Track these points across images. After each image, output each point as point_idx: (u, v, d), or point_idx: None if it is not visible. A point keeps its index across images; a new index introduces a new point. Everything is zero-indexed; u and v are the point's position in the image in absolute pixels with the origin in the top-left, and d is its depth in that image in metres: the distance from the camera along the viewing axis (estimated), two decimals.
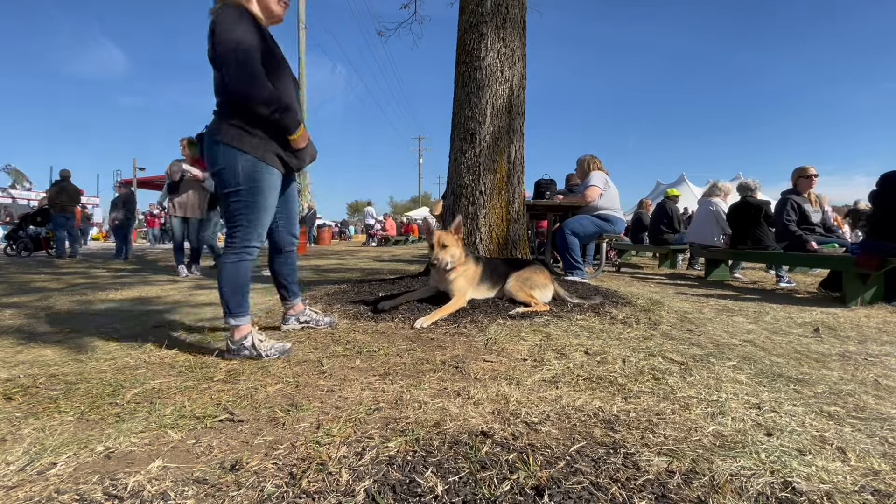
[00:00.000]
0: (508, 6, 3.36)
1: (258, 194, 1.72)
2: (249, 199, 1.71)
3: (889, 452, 1.06)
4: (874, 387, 1.57)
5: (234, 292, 1.76)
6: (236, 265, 1.76)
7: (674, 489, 0.89)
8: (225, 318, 1.78)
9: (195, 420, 1.21)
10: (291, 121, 1.71)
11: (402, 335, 2.13)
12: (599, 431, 1.14)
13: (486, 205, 3.30)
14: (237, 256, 1.76)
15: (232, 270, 1.76)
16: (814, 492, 0.89)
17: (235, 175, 1.67)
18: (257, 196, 1.72)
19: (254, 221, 1.74)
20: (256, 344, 1.75)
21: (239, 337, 1.75)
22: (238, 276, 1.77)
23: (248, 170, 1.68)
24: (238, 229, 1.74)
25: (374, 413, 1.24)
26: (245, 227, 1.74)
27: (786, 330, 2.50)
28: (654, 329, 2.33)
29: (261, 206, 1.73)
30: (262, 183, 1.71)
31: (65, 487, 0.90)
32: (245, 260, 1.77)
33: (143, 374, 1.59)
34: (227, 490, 0.89)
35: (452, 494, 0.87)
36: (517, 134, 3.44)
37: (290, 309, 2.19)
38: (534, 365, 1.69)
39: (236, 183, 1.68)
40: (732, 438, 1.10)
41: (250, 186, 1.69)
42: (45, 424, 1.19)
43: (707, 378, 1.56)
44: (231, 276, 1.76)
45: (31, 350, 1.94)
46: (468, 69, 3.38)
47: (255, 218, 1.74)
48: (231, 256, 1.76)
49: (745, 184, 5.34)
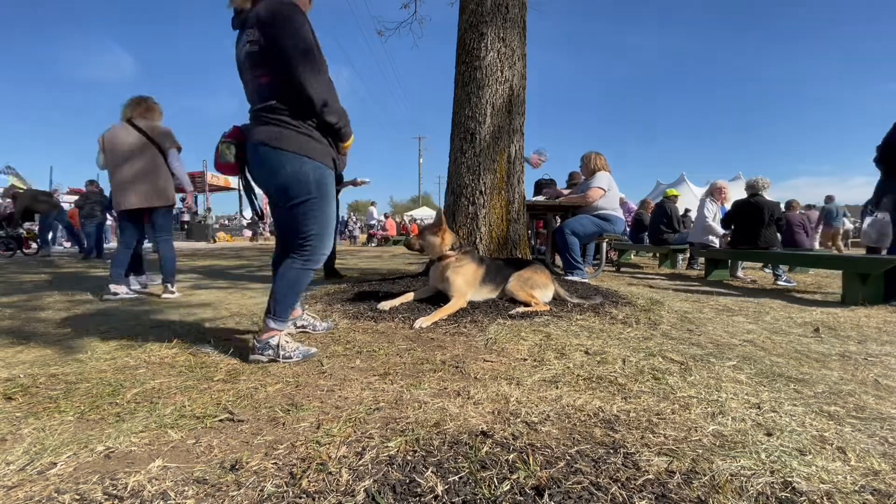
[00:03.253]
0: (508, 6, 3.36)
1: (326, 202, 1.68)
2: (321, 206, 1.66)
3: (889, 452, 1.06)
4: (874, 387, 1.56)
5: (289, 299, 1.74)
6: (300, 273, 1.73)
7: (674, 489, 0.89)
8: (266, 316, 1.74)
9: (195, 420, 1.21)
10: (349, 131, 1.68)
11: (402, 335, 2.13)
12: (599, 431, 1.14)
13: (486, 204, 3.30)
14: (303, 265, 1.72)
15: (294, 277, 1.72)
16: (814, 492, 0.89)
17: (307, 184, 1.61)
18: (328, 203, 1.68)
19: (325, 229, 1.71)
20: (282, 344, 1.71)
21: (266, 336, 1.72)
22: (299, 282, 1.74)
23: (318, 178, 1.63)
24: (311, 240, 1.69)
25: (374, 413, 1.24)
26: (318, 237, 1.69)
27: (786, 330, 2.50)
28: (654, 329, 2.33)
29: (329, 215, 1.71)
30: (328, 189, 1.68)
31: (65, 487, 0.90)
32: (310, 269, 1.74)
33: (143, 374, 1.59)
34: (227, 490, 0.89)
35: (452, 494, 0.87)
36: (517, 133, 3.44)
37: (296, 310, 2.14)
38: (534, 365, 1.69)
39: (307, 192, 1.62)
40: (732, 438, 1.10)
41: (321, 194, 1.64)
42: (45, 424, 1.19)
43: (707, 378, 1.56)
44: (292, 281, 1.73)
45: (31, 350, 1.94)
46: (468, 69, 3.38)
47: (325, 227, 1.70)
48: (298, 263, 1.71)
49: (754, 182, 5.19)
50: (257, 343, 1.74)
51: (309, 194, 1.63)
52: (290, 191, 1.63)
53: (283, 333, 1.76)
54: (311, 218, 1.66)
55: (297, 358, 1.73)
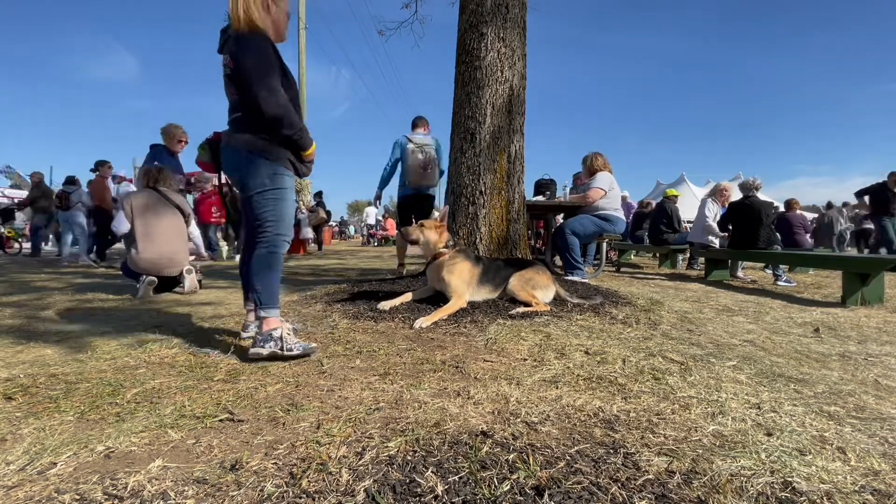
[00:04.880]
0: (509, 6, 3.36)
1: (280, 192, 1.85)
2: (275, 196, 1.83)
3: (889, 452, 1.06)
4: (874, 387, 1.56)
5: (266, 284, 1.82)
6: (267, 257, 1.83)
7: (674, 489, 0.89)
8: (257, 310, 1.81)
9: (195, 420, 1.21)
10: (307, 140, 1.88)
11: (402, 335, 2.13)
12: (599, 431, 1.14)
13: (486, 204, 3.30)
14: (267, 248, 1.83)
15: (264, 262, 1.83)
16: (814, 492, 0.89)
17: (261, 177, 1.81)
18: (280, 193, 1.85)
19: (281, 216, 1.86)
20: (285, 336, 1.76)
21: (268, 329, 1.77)
22: (270, 267, 1.84)
23: (273, 174, 1.83)
24: (268, 224, 1.84)
25: (374, 413, 1.24)
26: (273, 222, 1.84)
27: (786, 330, 2.50)
28: (654, 329, 2.33)
29: (284, 202, 1.86)
30: (283, 182, 1.86)
31: (65, 487, 0.90)
32: (276, 252, 1.85)
33: (143, 374, 1.59)
34: (227, 490, 0.89)
35: (452, 494, 0.87)
36: (517, 133, 3.44)
37: (251, 314, 2.00)
38: (534, 365, 1.69)
39: (262, 183, 1.81)
40: (732, 438, 1.10)
41: (275, 187, 1.83)
42: (45, 424, 1.19)
43: (707, 378, 1.56)
44: (263, 267, 1.82)
45: (31, 350, 1.94)
46: (468, 69, 3.38)
47: (281, 213, 1.86)
48: (262, 249, 1.83)
49: (746, 183, 5.30)
50: (259, 336, 1.76)
51: (264, 186, 1.81)
52: (249, 182, 1.83)
53: (285, 326, 1.81)
54: (267, 206, 1.83)
55: (298, 351, 1.76)
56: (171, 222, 3.59)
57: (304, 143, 1.86)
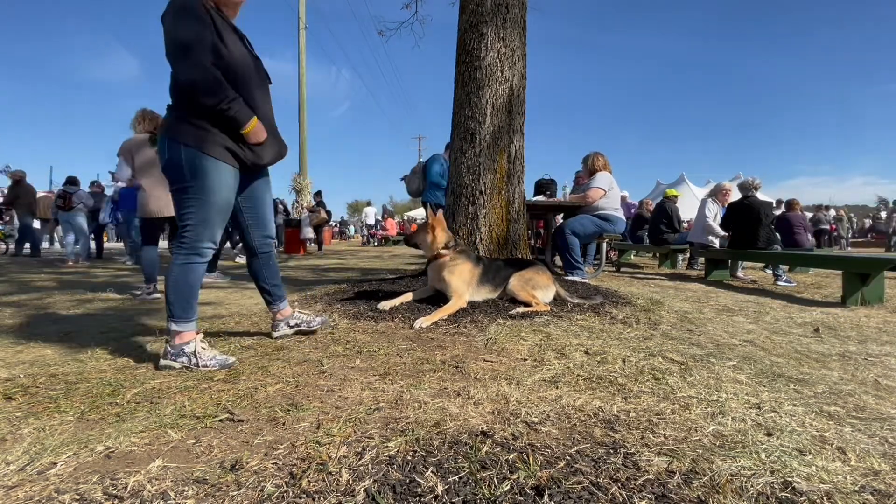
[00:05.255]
0: (509, 6, 3.36)
1: (206, 191, 1.60)
2: (197, 195, 1.60)
3: (889, 452, 1.06)
4: (874, 387, 1.56)
5: (179, 296, 1.66)
6: (184, 267, 1.65)
7: (674, 489, 0.89)
8: (167, 321, 1.68)
9: (195, 420, 1.21)
10: (240, 112, 1.58)
11: (402, 335, 2.13)
12: (599, 431, 1.14)
13: (486, 204, 3.30)
14: (185, 258, 1.65)
15: (180, 273, 1.65)
16: (814, 492, 0.89)
17: (180, 170, 1.58)
18: (205, 193, 1.60)
19: (204, 221, 1.63)
20: (199, 351, 1.63)
21: (179, 343, 1.65)
22: (186, 278, 1.66)
23: (192, 163, 1.57)
24: (187, 229, 1.63)
25: (374, 413, 1.24)
26: (194, 227, 1.63)
27: (786, 330, 2.50)
28: (654, 329, 2.33)
29: (210, 204, 1.62)
30: (209, 178, 1.59)
31: (65, 487, 0.90)
32: (194, 262, 1.66)
33: (143, 374, 1.59)
34: (227, 490, 0.89)
35: (452, 494, 0.87)
36: (517, 133, 3.44)
37: (278, 314, 2.08)
38: (534, 365, 1.69)
39: (182, 178, 1.58)
40: (732, 438, 1.10)
41: (198, 183, 1.59)
42: (45, 424, 1.19)
43: (707, 378, 1.56)
44: (179, 278, 1.65)
45: (31, 350, 1.94)
46: (468, 69, 3.38)
47: (205, 217, 1.63)
48: (180, 258, 1.65)
49: (746, 183, 5.32)
50: (170, 349, 1.65)
51: (184, 181, 1.59)
52: (169, 176, 1.63)
53: (198, 339, 1.68)
54: (187, 205, 1.62)
55: (214, 367, 1.63)
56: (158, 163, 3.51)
57: (237, 116, 1.57)
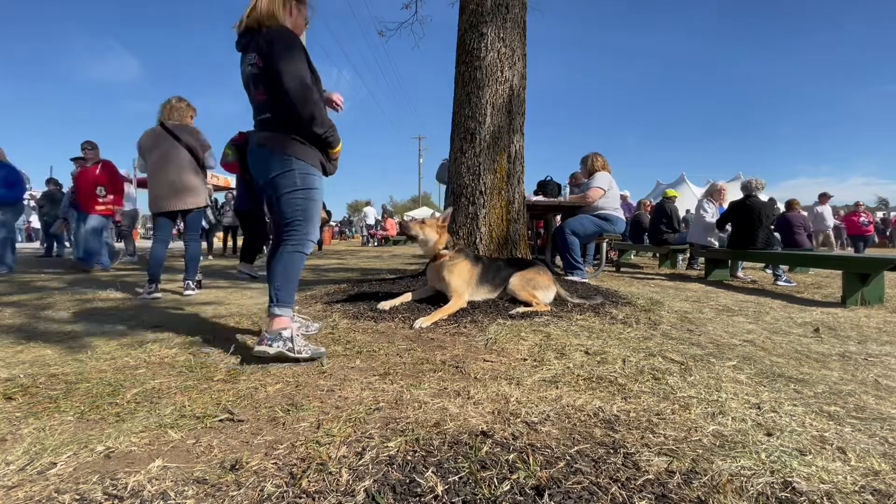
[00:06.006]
0: (509, 6, 3.36)
1: (311, 195, 1.87)
2: (305, 198, 1.85)
3: (889, 452, 1.06)
4: (874, 387, 1.56)
5: (287, 281, 1.84)
6: (293, 255, 1.86)
7: (674, 489, 0.89)
8: (270, 306, 1.82)
9: (195, 420, 1.21)
10: (336, 139, 1.90)
11: (402, 335, 2.13)
12: (599, 431, 1.14)
13: (486, 204, 3.30)
14: (294, 248, 1.86)
15: (289, 260, 1.85)
16: (814, 492, 0.89)
17: (293, 178, 1.83)
18: (311, 196, 1.87)
19: (310, 218, 1.89)
20: (295, 337, 1.74)
21: (278, 327, 1.76)
22: (295, 266, 1.86)
23: (303, 174, 1.84)
24: (297, 224, 1.86)
25: (374, 413, 1.24)
26: (303, 223, 1.87)
27: (786, 330, 2.50)
28: (654, 329, 2.33)
29: (315, 203, 1.89)
30: (314, 185, 1.88)
31: (65, 487, 0.90)
32: (301, 252, 1.87)
33: (143, 374, 1.59)
34: (227, 490, 0.89)
35: (452, 494, 0.87)
36: (517, 133, 3.44)
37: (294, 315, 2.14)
38: (534, 365, 1.69)
39: (294, 185, 1.82)
40: (732, 438, 1.10)
41: (305, 187, 1.85)
42: (45, 424, 1.19)
43: (707, 378, 1.56)
44: (288, 265, 1.85)
45: (31, 350, 1.94)
46: (468, 69, 3.38)
47: (311, 214, 1.89)
48: (289, 247, 1.85)
49: (748, 183, 5.27)
50: (267, 334, 1.73)
51: (294, 186, 1.82)
52: (280, 182, 1.83)
53: (295, 327, 1.83)
54: (296, 207, 1.84)
55: (307, 354, 1.73)
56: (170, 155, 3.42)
57: (334, 141, 1.89)
